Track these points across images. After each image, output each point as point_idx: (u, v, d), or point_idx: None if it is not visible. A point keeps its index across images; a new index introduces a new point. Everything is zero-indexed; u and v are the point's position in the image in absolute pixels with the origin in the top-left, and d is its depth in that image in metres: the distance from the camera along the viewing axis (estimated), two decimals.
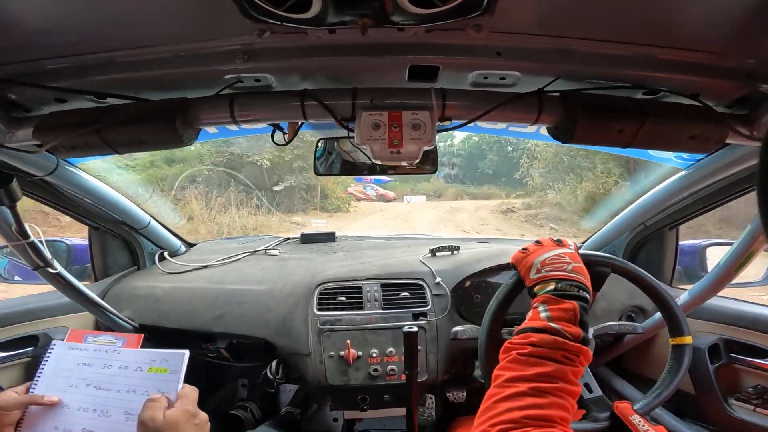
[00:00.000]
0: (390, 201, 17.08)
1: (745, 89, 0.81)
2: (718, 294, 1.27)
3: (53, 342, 0.84)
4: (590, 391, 0.98)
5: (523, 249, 0.94)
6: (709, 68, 0.77)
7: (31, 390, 0.80)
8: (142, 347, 0.84)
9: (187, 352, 0.79)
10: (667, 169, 1.31)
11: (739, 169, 1.09)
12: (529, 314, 0.82)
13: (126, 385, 0.78)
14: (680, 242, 1.59)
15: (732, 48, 0.73)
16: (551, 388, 0.67)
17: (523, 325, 0.80)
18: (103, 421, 0.75)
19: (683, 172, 1.23)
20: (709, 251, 1.61)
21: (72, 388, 0.79)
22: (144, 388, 0.77)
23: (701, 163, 1.16)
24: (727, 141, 0.86)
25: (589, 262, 0.98)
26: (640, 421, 0.90)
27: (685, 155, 1.18)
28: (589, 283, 0.84)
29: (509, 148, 18.82)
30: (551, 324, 0.75)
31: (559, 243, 0.93)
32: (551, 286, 0.82)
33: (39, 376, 0.81)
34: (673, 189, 1.30)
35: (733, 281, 1.19)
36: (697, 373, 1.34)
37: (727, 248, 1.18)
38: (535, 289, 0.86)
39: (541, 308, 0.80)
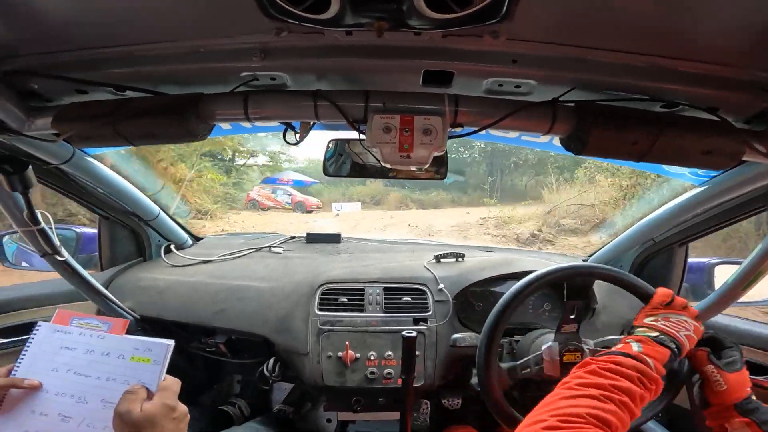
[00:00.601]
0: (311, 210, 13.95)
1: (764, 104, 0.80)
2: (723, 312, 1.25)
3: (39, 323, 0.83)
4: None
5: (671, 297, 0.98)
6: (729, 82, 0.76)
7: (13, 372, 0.78)
8: (131, 336, 0.82)
9: (171, 343, 0.77)
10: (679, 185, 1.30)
11: (754, 187, 1.06)
12: (619, 345, 0.86)
13: (106, 372, 0.76)
14: (689, 260, 1.57)
15: (752, 61, 0.72)
16: (619, 401, 0.70)
17: (610, 350, 0.84)
18: (80, 407, 0.74)
19: (697, 188, 1.21)
20: (718, 269, 1.59)
21: (53, 372, 0.78)
22: (124, 377, 0.75)
23: (715, 180, 1.14)
24: (744, 158, 0.84)
25: (571, 275, 0.98)
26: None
27: (699, 171, 1.16)
28: (687, 351, 0.89)
29: (461, 149, 17.60)
30: (643, 355, 0.80)
31: (685, 308, 0.96)
32: (653, 334, 0.88)
33: (22, 358, 0.80)
34: (685, 205, 1.28)
35: (740, 300, 1.17)
36: (693, 389, 1.32)
37: (735, 267, 1.17)
38: (637, 330, 0.91)
39: (634, 344, 0.84)
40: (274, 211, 13.42)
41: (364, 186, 16.16)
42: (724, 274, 1.48)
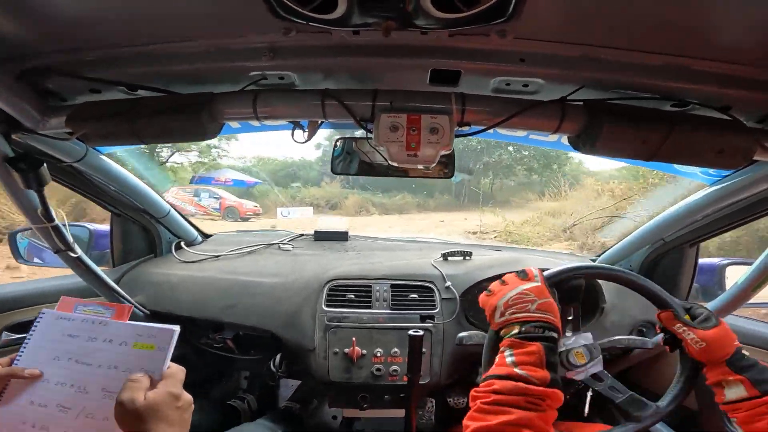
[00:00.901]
0: (246, 218, 11.67)
1: None
2: (733, 313, 1.23)
3: (42, 310, 0.81)
4: (619, 393, 0.97)
5: (488, 291, 0.93)
6: (742, 80, 0.75)
7: (15, 362, 0.77)
8: (135, 322, 0.80)
9: (177, 329, 0.75)
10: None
11: (765, 188, 1.05)
12: (497, 359, 0.80)
13: (108, 360, 0.74)
14: (700, 260, 1.55)
15: (765, 60, 0.71)
16: None
17: (487, 372, 0.79)
18: (80, 397, 0.72)
19: (708, 188, 1.19)
20: (729, 270, 1.57)
21: (55, 361, 0.76)
22: (126, 364, 0.73)
23: (727, 179, 1.12)
24: (756, 158, 0.83)
25: (559, 281, 0.96)
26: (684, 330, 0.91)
27: (711, 171, 1.14)
28: (556, 318, 0.83)
29: None
30: (516, 370, 0.75)
31: (524, 276, 0.91)
32: (515, 330, 0.82)
33: (24, 347, 0.78)
34: (696, 205, 1.26)
35: (750, 301, 1.16)
36: (702, 390, 1.31)
37: (746, 268, 1.15)
38: (501, 332, 0.85)
39: (507, 353, 0.79)
40: (198, 218, 9.98)
41: (318, 188, 14.69)
42: (734, 275, 1.47)
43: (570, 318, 1.06)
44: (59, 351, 0.77)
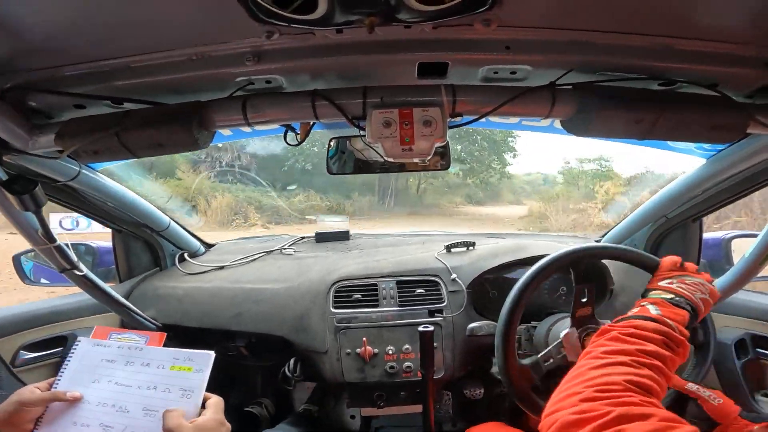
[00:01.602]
0: None
1: (767, 78, 0.79)
2: (744, 288, 1.23)
3: (78, 338, 0.86)
4: None
5: (681, 264, 0.97)
6: (729, 58, 0.75)
7: (54, 386, 0.81)
8: (164, 346, 0.85)
9: (213, 354, 0.81)
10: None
11: (763, 159, 1.05)
12: (635, 310, 0.82)
13: (147, 381, 0.79)
14: (705, 235, 1.54)
15: (752, 36, 0.71)
16: (650, 364, 0.67)
17: (626, 315, 0.80)
18: (121, 416, 0.76)
19: (704, 163, 1.19)
20: (735, 243, 1.56)
21: (94, 384, 0.80)
22: (165, 385, 0.78)
23: (723, 154, 1.12)
24: (749, 131, 0.83)
25: (575, 259, 0.98)
26: (697, 388, 0.93)
27: (706, 146, 1.14)
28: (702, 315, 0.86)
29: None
30: (663, 317, 0.77)
31: (698, 273, 0.94)
32: (668, 296, 0.85)
33: (63, 372, 0.82)
34: (694, 180, 1.26)
35: (760, 274, 1.15)
36: (723, 369, 1.31)
37: (752, 240, 1.14)
38: (651, 293, 0.88)
39: (651, 307, 0.81)
40: None
41: (174, 180, 10.16)
42: (740, 248, 1.46)
43: (584, 300, 1.06)
44: (98, 374, 0.82)
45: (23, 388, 0.78)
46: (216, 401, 0.77)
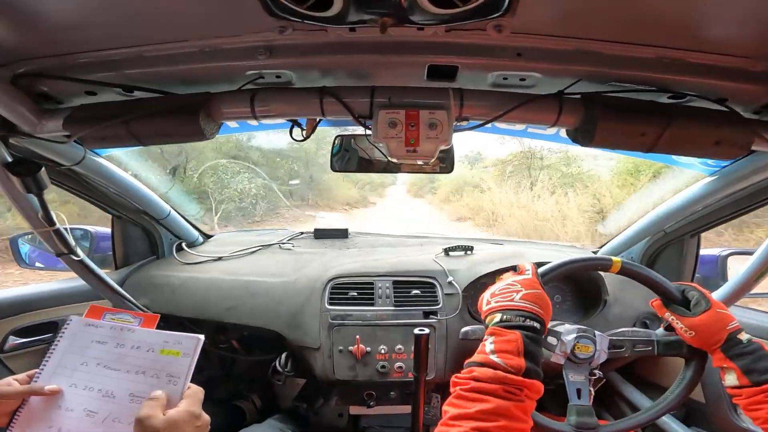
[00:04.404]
0: None
1: None
2: (737, 304, 1.23)
3: (70, 317, 0.83)
4: (578, 398, 0.95)
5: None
6: (738, 72, 0.75)
7: (41, 369, 0.78)
8: (161, 330, 0.82)
9: (201, 337, 0.78)
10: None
11: (765, 177, 1.05)
12: (480, 347, 0.80)
13: (136, 366, 0.76)
14: (702, 251, 1.55)
15: (762, 52, 0.71)
16: (493, 428, 0.65)
17: (468, 359, 0.78)
18: (106, 402, 0.73)
19: (707, 179, 1.19)
20: (731, 260, 1.57)
21: (83, 367, 0.77)
22: (153, 370, 0.75)
23: (726, 170, 1.13)
24: (754, 148, 0.83)
25: (552, 276, 0.95)
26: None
27: (710, 161, 1.15)
28: (542, 309, 0.82)
29: None
30: (491, 357, 0.74)
31: (516, 270, 0.91)
32: (497, 318, 0.82)
33: (51, 352, 0.79)
34: (696, 196, 1.26)
35: (753, 291, 1.16)
36: (708, 382, 1.32)
37: (749, 257, 1.15)
38: (486, 321, 0.85)
39: (488, 341, 0.78)
40: None
41: None
42: (736, 266, 1.47)
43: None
44: (87, 357, 0.78)
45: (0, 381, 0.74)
46: (193, 392, 0.73)
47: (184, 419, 0.68)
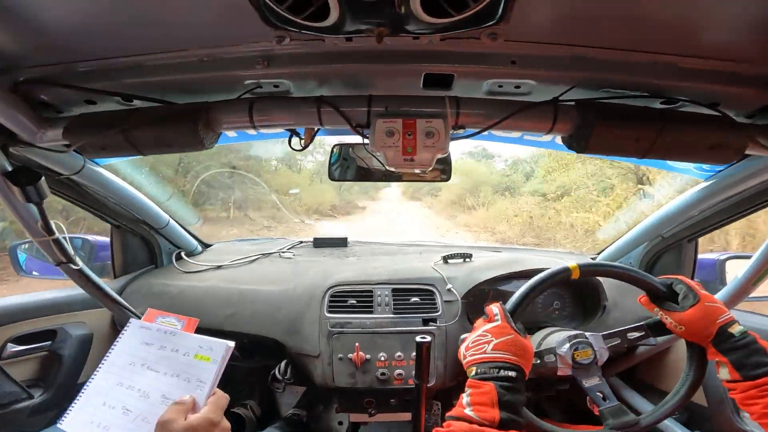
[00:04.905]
0: None
1: None
2: (736, 308, 1.23)
3: (130, 320, 0.89)
4: (605, 399, 0.96)
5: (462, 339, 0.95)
6: (731, 77, 0.76)
7: (100, 366, 0.83)
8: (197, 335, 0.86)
9: (231, 344, 0.80)
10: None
11: (760, 181, 1.06)
12: (458, 401, 0.81)
13: (172, 368, 0.79)
14: (700, 255, 1.55)
15: (754, 56, 0.72)
16: None
17: (448, 413, 0.79)
18: (142, 401, 0.77)
19: (703, 184, 1.20)
20: (729, 264, 1.57)
21: (130, 366, 0.82)
22: (187, 374, 0.78)
23: (721, 175, 1.14)
24: (748, 152, 0.84)
25: (520, 309, 0.96)
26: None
27: (705, 166, 1.15)
28: (517, 354, 0.83)
29: None
30: (466, 411, 0.75)
31: (486, 317, 0.92)
32: (473, 371, 0.83)
33: (112, 350, 0.85)
34: (692, 201, 1.27)
35: (752, 295, 1.16)
36: (709, 386, 1.31)
37: (747, 261, 1.15)
38: (467, 372, 0.86)
39: (465, 394, 0.79)
40: None
41: None
42: (734, 270, 1.47)
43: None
44: (135, 357, 0.83)
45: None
46: (216, 398, 0.75)
47: (203, 425, 0.69)
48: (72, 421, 0.77)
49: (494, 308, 0.91)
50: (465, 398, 0.78)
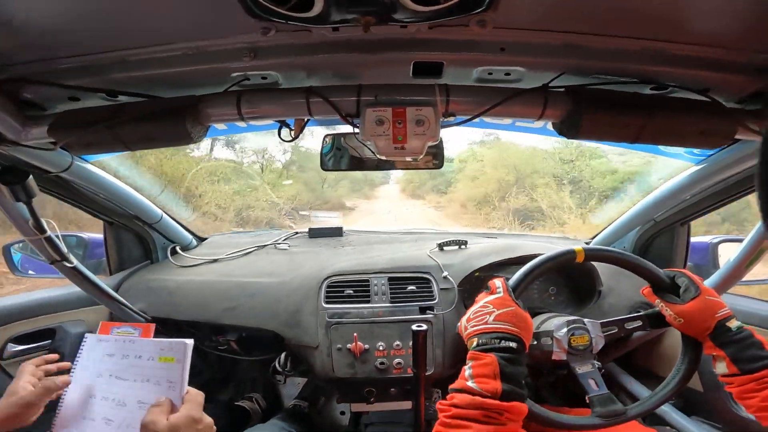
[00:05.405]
0: None
1: (758, 84, 0.80)
2: (729, 291, 1.25)
3: (86, 335, 0.90)
4: (596, 387, 0.97)
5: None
6: (720, 63, 0.76)
7: (71, 377, 0.86)
8: (157, 338, 0.87)
9: (191, 342, 0.81)
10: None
11: (751, 165, 1.06)
12: (461, 373, 0.81)
13: (140, 374, 0.81)
14: (693, 239, 1.56)
15: (744, 43, 0.72)
16: None
17: (451, 385, 0.79)
18: (120, 409, 0.79)
19: (693, 168, 1.21)
20: (722, 248, 1.59)
21: (99, 378, 0.84)
22: (156, 378, 0.79)
23: (712, 159, 1.14)
24: (738, 137, 0.84)
25: (524, 286, 0.96)
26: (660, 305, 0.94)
27: (695, 151, 1.16)
28: (518, 326, 0.82)
29: None
30: (468, 383, 0.75)
31: (488, 290, 0.91)
32: (474, 342, 0.82)
33: (75, 366, 0.87)
34: (683, 184, 1.28)
35: (745, 278, 1.17)
36: (705, 371, 1.33)
37: (739, 245, 1.17)
38: (467, 345, 0.85)
39: (467, 366, 0.79)
40: None
41: None
42: (727, 253, 1.48)
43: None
44: (101, 369, 0.86)
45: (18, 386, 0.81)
46: (192, 396, 0.76)
47: (186, 423, 0.71)
48: None
49: (497, 282, 0.91)
50: (467, 370, 0.78)
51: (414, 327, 1.11)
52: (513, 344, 0.80)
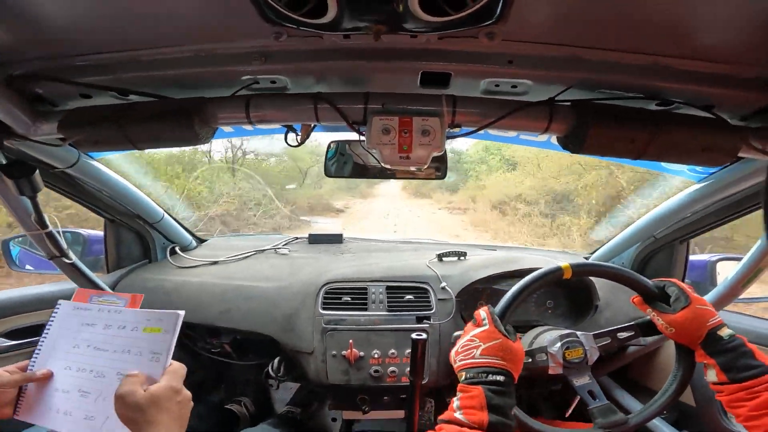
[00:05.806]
0: None
1: (763, 101, 0.80)
2: (726, 309, 1.25)
3: (59, 302, 0.86)
4: (594, 398, 0.97)
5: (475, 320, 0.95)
6: (725, 79, 0.77)
7: (37, 351, 0.81)
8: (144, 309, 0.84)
9: (181, 313, 0.79)
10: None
11: (753, 183, 1.07)
12: (449, 404, 0.82)
13: (122, 345, 0.78)
14: (692, 257, 1.57)
15: (750, 59, 0.72)
16: None
17: (440, 416, 0.80)
18: (98, 381, 0.76)
19: (696, 185, 1.21)
20: (720, 266, 1.59)
21: (75, 350, 0.80)
22: (138, 348, 0.77)
23: (714, 177, 1.15)
24: (741, 154, 0.85)
25: (509, 312, 0.95)
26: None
27: (698, 168, 1.16)
28: (506, 358, 0.83)
29: None
30: (455, 414, 0.76)
31: (475, 322, 0.92)
32: (463, 376, 0.84)
33: (44, 338, 0.83)
34: (684, 202, 1.28)
35: (741, 296, 1.17)
36: (698, 386, 1.33)
37: (738, 263, 1.17)
38: (458, 377, 0.87)
39: (456, 398, 0.81)
40: None
41: None
42: (725, 271, 1.49)
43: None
44: (78, 339, 0.81)
45: None
46: (174, 368, 0.75)
47: (166, 395, 0.69)
48: (30, 412, 0.77)
49: (482, 312, 0.91)
50: (455, 402, 0.79)
51: (414, 335, 1.11)
52: (500, 377, 0.81)
